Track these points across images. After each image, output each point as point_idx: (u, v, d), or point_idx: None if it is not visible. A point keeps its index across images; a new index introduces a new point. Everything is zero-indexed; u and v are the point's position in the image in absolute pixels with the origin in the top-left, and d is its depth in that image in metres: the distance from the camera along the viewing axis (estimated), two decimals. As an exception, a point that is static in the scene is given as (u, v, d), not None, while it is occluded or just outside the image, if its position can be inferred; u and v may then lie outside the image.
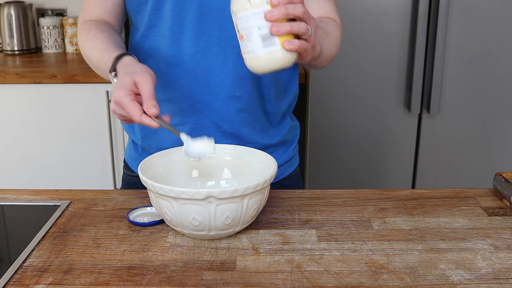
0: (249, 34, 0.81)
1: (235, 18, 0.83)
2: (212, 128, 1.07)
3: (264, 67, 0.83)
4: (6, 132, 2.20)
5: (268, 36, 0.80)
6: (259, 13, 0.80)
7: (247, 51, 0.83)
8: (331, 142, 2.13)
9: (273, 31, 0.79)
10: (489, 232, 0.87)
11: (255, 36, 0.81)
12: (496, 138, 2.10)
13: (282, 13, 0.79)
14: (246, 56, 0.84)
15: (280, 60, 0.82)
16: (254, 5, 0.80)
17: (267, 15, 0.79)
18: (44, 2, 2.69)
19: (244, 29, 0.82)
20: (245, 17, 0.81)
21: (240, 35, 0.83)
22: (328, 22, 1.09)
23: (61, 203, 0.98)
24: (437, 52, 1.97)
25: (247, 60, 0.84)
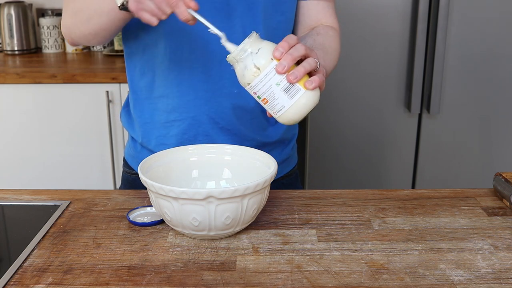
0: (272, 94, 0.83)
1: (250, 88, 0.85)
2: (210, 124, 1.07)
3: (299, 115, 0.85)
4: (6, 132, 2.20)
5: (290, 87, 0.82)
6: (270, 72, 0.82)
7: (277, 109, 0.84)
8: (331, 142, 2.13)
9: (292, 80, 0.82)
10: (489, 232, 0.87)
11: (278, 93, 0.83)
12: (496, 138, 2.10)
13: (291, 60, 0.82)
14: (278, 114, 0.85)
15: (310, 102, 0.84)
16: (262, 68, 0.82)
17: (278, 69, 0.81)
18: (44, 2, 2.69)
19: (264, 93, 0.83)
20: (260, 82, 0.83)
21: (264, 100, 0.84)
22: (326, 34, 1.09)
23: (61, 203, 0.98)
24: (437, 52, 1.97)
25: (282, 117, 0.85)
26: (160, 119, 1.10)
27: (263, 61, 0.82)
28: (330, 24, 1.13)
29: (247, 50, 0.83)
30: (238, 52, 0.83)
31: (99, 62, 2.40)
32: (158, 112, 1.10)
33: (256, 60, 0.82)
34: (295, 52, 0.82)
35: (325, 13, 1.13)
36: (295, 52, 0.82)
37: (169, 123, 1.09)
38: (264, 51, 0.83)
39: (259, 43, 0.83)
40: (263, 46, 0.83)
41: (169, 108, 1.08)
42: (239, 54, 0.83)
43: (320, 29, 1.10)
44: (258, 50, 0.83)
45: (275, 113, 0.85)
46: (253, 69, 0.82)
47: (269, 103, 0.84)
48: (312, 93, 0.84)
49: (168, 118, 1.09)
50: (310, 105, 0.84)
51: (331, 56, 1.06)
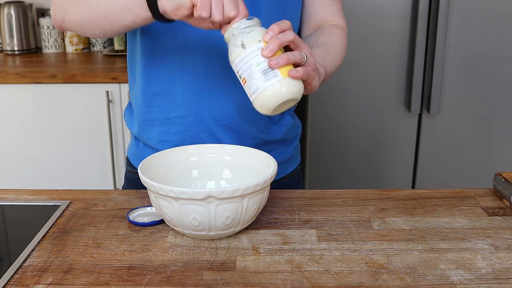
0: (250, 74, 0.83)
1: (234, 66, 0.85)
2: (212, 122, 1.07)
3: (271, 101, 0.83)
4: (6, 132, 2.20)
5: (268, 70, 0.82)
6: (254, 51, 0.82)
7: (252, 91, 0.83)
8: (331, 142, 2.13)
9: (273, 64, 0.81)
10: (489, 232, 0.87)
11: (256, 73, 0.82)
12: (496, 138, 2.10)
13: (277, 44, 0.81)
14: (253, 97, 0.84)
15: (286, 90, 0.82)
16: (248, 45, 0.82)
17: (263, 52, 0.81)
18: (44, 2, 2.69)
19: (244, 71, 0.83)
20: (243, 59, 0.83)
21: (243, 80, 0.84)
22: (330, 33, 1.08)
23: (61, 203, 0.98)
24: (437, 52, 1.97)
25: (255, 101, 0.84)
26: (160, 115, 1.10)
27: (250, 40, 0.83)
28: (336, 23, 1.13)
29: (241, 28, 0.84)
30: (233, 28, 0.84)
31: (99, 62, 2.40)
32: (157, 109, 1.10)
33: (245, 38, 0.83)
34: (283, 37, 0.82)
35: (331, 11, 1.12)
36: (283, 37, 0.82)
37: (170, 120, 1.09)
38: (255, 32, 0.83)
39: (253, 26, 0.84)
40: (256, 28, 0.84)
41: (170, 104, 1.08)
42: (232, 31, 0.84)
43: (325, 28, 1.09)
44: (251, 31, 0.83)
45: (251, 95, 0.84)
46: (240, 47, 0.83)
47: (247, 83, 0.84)
48: (290, 82, 0.82)
49: (169, 114, 1.09)
50: (285, 94, 0.82)
51: (333, 55, 1.05)
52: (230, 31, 0.84)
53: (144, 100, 1.11)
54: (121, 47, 2.53)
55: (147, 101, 1.11)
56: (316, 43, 1.04)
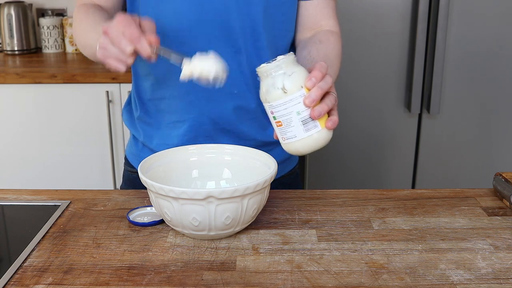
0: (288, 120, 0.82)
1: (269, 107, 0.83)
2: (210, 125, 1.08)
3: (306, 149, 0.84)
4: (6, 132, 2.20)
5: (309, 120, 0.82)
6: (296, 98, 0.81)
7: (288, 136, 0.83)
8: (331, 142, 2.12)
9: (315, 116, 0.81)
10: (489, 232, 0.87)
11: (296, 121, 0.82)
12: (496, 138, 2.10)
13: (319, 94, 0.81)
14: (287, 141, 0.84)
15: (324, 139, 0.84)
16: (290, 92, 0.81)
17: (306, 101, 0.81)
18: (44, 2, 2.69)
19: (282, 116, 0.82)
20: (282, 104, 0.82)
21: (278, 122, 0.83)
22: (327, 41, 1.08)
23: (61, 203, 0.98)
24: (437, 52, 1.97)
25: (289, 144, 0.84)
26: (163, 120, 1.10)
27: (292, 86, 0.81)
28: (330, 27, 1.12)
29: (281, 68, 0.82)
30: (273, 67, 0.82)
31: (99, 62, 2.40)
32: (161, 113, 1.10)
33: (286, 82, 0.81)
34: (324, 85, 0.82)
35: (324, 14, 1.12)
36: (325, 85, 0.82)
37: (171, 124, 1.10)
38: (297, 76, 0.82)
39: (294, 67, 0.83)
40: (297, 70, 0.82)
41: (171, 109, 1.08)
42: (272, 69, 0.82)
43: (322, 36, 1.09)
44: (292, 73, 0.82)
45: (284, 138, 0.84)
46: (280, 90, 0.81)
47: (283, 127, 0.83)
48: (327, 133, 0.84)
49: (170, 119, 1.09)
50: (320, 143, 0.84)
51: (335, 67, 1.06)
52: (268, 69, 0.82)
53: (146, 105, 1.12)
54: (121, 47, 2.53)
55: (149, 106, 1.11)
56: (318, 55, 1.04)
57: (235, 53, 1.04)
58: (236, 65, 1.04)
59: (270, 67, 0.82)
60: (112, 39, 0.84)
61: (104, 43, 0.85)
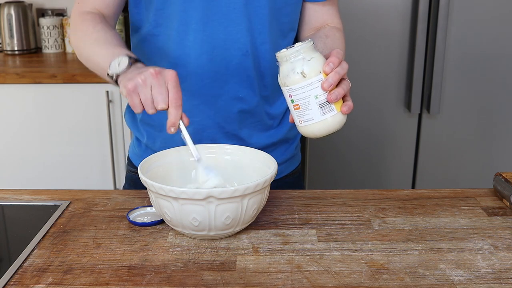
0: (306, 104, 0.86)
1: (287, 90, 0.87)
2: (215, 129, 1.08)
3: (323, 131, 0.88)
4: (6, 132, 2.20)
5: (326, 103, 0.86)
6: (314, 83, 0.85)
7: (305, 119, 0.87)
8: (331, 142, 2.13)
9: (332, 99, 0.85)
10: (489, 232, 0.87)
11: (313, 105, 0.86)
12: (496, 138, 2.10)
13: (337, 79, 0.85)
14: (304, 124, 0.88)
15: (339, 123, 0.88)
16: (309, 76, 0.85)
17: (324, 85, 0.84)
18: (44, 2, 2.69)
19: (300, 99, 0.86)
20: (300, 88, 0.85)
21: (296, 106, 0.87)
22: (334, 36, 1.10)
23: (61, 203, 0.98)
24: (437, 52, 1.97)
25: (305, 128, 0.88)
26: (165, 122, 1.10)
27: (311, 70, 0.85)
28: (335, 25, 1.14)
29: (301, 54, 0.85)
30: (292, 52, 0.85)
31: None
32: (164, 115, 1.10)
33: (306, 67, 0.85)
34: (341, 71, 0.86)
35: (330, 15, 1.14)
36: (342, 70, 0.86)
37: None
38: (315, 61, 0.85)
39: (312, 52, 0.86)
40: (315, 56, 0.86)
41: None
42: (292, 55, 0.85)
43: (328, 31, 1.10)
44: (311, 59, 0.85)
45: (301, 121, 0.88)
46: (299, 74, 0.85)
47: (300, 110, 0.87)
48: (342, 117, 0.88)
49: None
50: (336, 127, 0.88)
51: None
52: (288, 54, 0.86)
53: None
54: (121, 47, 2.53)
55: None
56: (325, 48, 1.05)
57: (242, 56, 1.04)
58: (243, 69, 1.04)
59: (290, 52, 0.86)
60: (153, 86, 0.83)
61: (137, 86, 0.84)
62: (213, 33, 1.02)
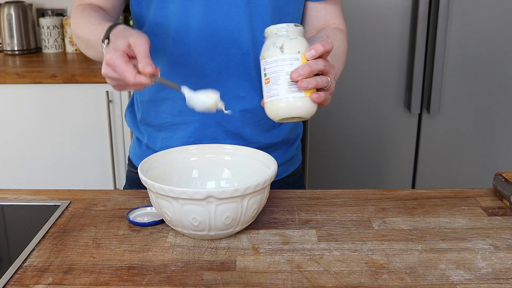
0: (276, 78, 0.85)
1: (264, 63, 0.86)
2: (216, 128, 1.07)
3: (285, 111, 0.86)
4: (6, 132, 2.20)
5: (295, 84, 0.84)
6: (289, 59, 0.84)
7: (271, 94, 0.86)
8: (331, 142, 2.13)
9: (302, 86, 0.84)
10: (489, 232, 0.87)
11: (282, 80, 0.84)
12: (496, 138, 2.10)
13: (307, 72, 0.84)
14: (269, 99, 0.86)
15: (303, 108, 0.86)
16: (286, 52, 0.84)
17: (292, 74, 0.83)
18: (44, 2, 2.69)
19: (272, 73, 0.85)
20: (275, 61, 0.85)
21: (267, 79, 0.86)
22: (335, 36, 1.09)
23: (61, 203, 0.98)
24: (437, 52, 1.97)
25: (270, 103, 0.86)
26: (165, 121, 1.10)
27: (290, 47, 0.84)
28: (337, 26, 1.14)
29: (286, 31, 0.86)
30: (279, 28, 0.86)
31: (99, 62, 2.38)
32: (164, 115, 1.10)
33: (286, 43, 0.85)
34: (315, 66, 0.84)
35: (333, 14, 1.14)
36: (315, 65, 0.84)
37: (174, 126, 1.09)
38: (297, 42, 0.85)
39: (298, 34, 0.86)
40: (300, 38, 0.86)
41: (175, 111, 1.08)
42: (278, 30, 0.86)
43: (329, 31, 1.10)
44: (294, 38, 0.85)
45: (268, 96, 0.86)
46: (278, 48, 0.85)
47: (269, 84, 0.85)
48: (309, 103, 0.85)
49: (174, 121, 1.09)
50: (299, 111, 0.86)
51: (340, 61, 1.08)
52: (274, 28, 0.86)
53: (149, 106, 1.11)
54: (121, 47, 2.53)
55: (152, 107, 1.11)
56: None
57: (243, 55, 1.04)
58: (244, 68, 1.04)
59: (278, 28, 0.86)
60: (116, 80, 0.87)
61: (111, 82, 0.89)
62: (214, 32, 1.02)
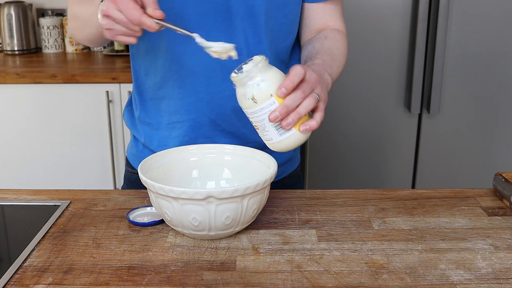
0: (263, 126, 0.84)
1: (246, 113, 0.85)
2: (211, 126, 1.07)
3: (287, 148, 0.86)
4: (6, 132, 2.20)
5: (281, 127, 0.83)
6: (266, 107, 0.82)
7: (266, 138, 0.86)
8: (331, 142, 2.13)
9: (285, 126, 0.82)
10: (489, 232, 0.87)
11: (269, 127, 0.84)
12: (496, 138, 2.10)
13: (285, 112, 0.81)
14: (267, 142, 0.87)
15: (298, 141, 0.85)
16: (259, 101, 0.82)
17: (270, 116, 0.81)
18: (44, 2, 2.69)
19: (257, 122, 0.85)
20: (255, 112, 0.83)
21: (255, 126, 0.86)
22: (333, 37, 1.08)
23: (61, 203, 0.98)
24: (437, 52, 1.97)
25: (269, 145, 0.87)
26: (162, 120, 1.10)
27: (261, 95, 0.81)
28: (337, 27, 1.13)
29: (251, 78, 0.82)
30: (241, 77, 0.82)
31: (99, 62, 2.40)
32: (161, 113, 1.10)
33: (256, 92, 0.81)
34: (291, 103, 0.80)
35: (332, 16, 1.12)
36: (292, 102, 0.80)
37: (171, 125, 1.09)
38: (266, 84, 0.81)
39: (264, 73, 0.82)
40: (267, 78, 0.82)
41: (171, 109, 1.08)
42: (242, 80, 0.82)
43: (328, 33, 1.09)
44: (261, 83, 0.81)
45: (265, 140, 0.87)
46: (251, 100, 0.82)
47: (260, 131, 0.86)
48: (301, 136, 0.84)
49: (170, 119, 1.09)
50: (297, 144, 0.86)
51: (338, 62, 1.06)
52: (237, 78, 0.83)
53: (145, 105, 1.11)
54: (121, 47, 2.53)
55: (149, 106, 1.11)
56: (322, 48, 1.04)
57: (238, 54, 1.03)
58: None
59: (240, 77, 0.82)
60: (114, 19, 0.84)
61: (108, 25, 0.85)
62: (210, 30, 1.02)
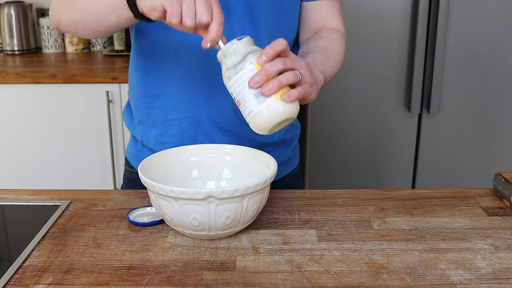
0: (243, 97, 0.82)
1: (229, 88, 0.84)
2: (210, 124, 1.07)
3: (267, 123, 0.83)
4: (6, 132, 2.20)
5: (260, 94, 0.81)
6: (246, 73, 0.81)
7: (247, 113, 0.83)
8: (331, 142, 2.13)
9: (265, 93, 0.80)
10: (489, 232, 0.87)
11: (249, 96, 0.82)
12: (496, 138, 2.10)
13: (264, 76, 0.80)
14: (248, 118, 0.84)
15: (280, 111, 0.82)
16: (239, 69, 0.82)
17: (250, 83, 0.80)
18: (44, 2, 2.69)
19: (238, 94, 0.83)
20: (235, 82, 0.82)
21: (237, 102, 0.84)
22: (329, 37, 1.08)
23: (61, 203, 0.98)
24: (437, 52, 1.97)
25: (251, 122, 0.84)
26: (159, 117, 1.10)
27: (242, 64, 0.82)
28: (335, 27, 1.13)
29: (234, 50, 0.83)
30: (226, 48, 0.83)
31: (99, 62, 2.40)
32: (157, 111, 1.10)
33: (237, 60, 0.82)
34: (270, 68, 0.80)
35: (330, 15, 1.12)
36: (271, 67, 0.80)
37: (168, 122, 1.09)
38: (246, 52, 0.82)
39: (247, 47, 0.83)
40: (249, 49, 0.83)
41: (168, 106, 1.08)
42: (224, 52, 0.83)
43: (324, 32, 1.09)
44: (244, 52, 0.82)
45: (246, 116, 0.84)
46: (232, 69, 0.82)
47: (241, 105, 0.83)
48: (283, 104, 0.81)
49: (167, 116, 1.09)
50: (280, 115, 0.82)
51: (333, 60, 1.05)
52: (221, 52, 0.83)
53: (143, 102, 1.11)
54: (121, 47, 2.53)
55: (146, 102, 1.11)
56: (316, 47, 1.04)
57: None
58: None
59: (224, 49, 0.83)
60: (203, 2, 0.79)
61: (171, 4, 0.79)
62: None
